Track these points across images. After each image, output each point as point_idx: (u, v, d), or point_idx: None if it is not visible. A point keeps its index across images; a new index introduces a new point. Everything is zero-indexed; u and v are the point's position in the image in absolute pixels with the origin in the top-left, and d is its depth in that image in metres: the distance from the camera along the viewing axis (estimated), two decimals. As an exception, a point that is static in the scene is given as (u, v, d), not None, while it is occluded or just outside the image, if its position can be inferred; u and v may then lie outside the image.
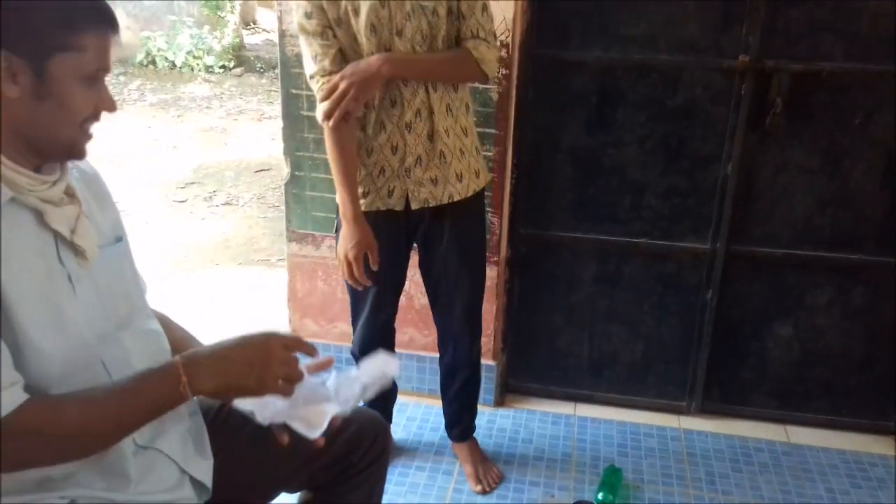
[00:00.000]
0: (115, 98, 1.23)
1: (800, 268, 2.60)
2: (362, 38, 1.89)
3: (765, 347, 2.71)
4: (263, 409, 1.31)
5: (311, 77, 1.95)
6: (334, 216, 2.61)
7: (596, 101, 2.54)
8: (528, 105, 2.53)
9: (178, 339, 1.45)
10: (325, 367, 1.42)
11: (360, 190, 2.04)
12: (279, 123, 2.62)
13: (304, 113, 2.53)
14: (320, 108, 1.91)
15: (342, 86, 1.84)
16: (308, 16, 1.90)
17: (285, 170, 2.64)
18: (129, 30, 9.57)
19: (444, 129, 2.01)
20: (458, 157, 2.05)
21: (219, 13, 9.40)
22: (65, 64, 1.09)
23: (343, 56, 1.93)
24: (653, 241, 2.63)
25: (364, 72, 1.85)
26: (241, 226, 5.28)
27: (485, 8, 1.97)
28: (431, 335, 2.68)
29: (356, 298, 2.22)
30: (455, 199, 2.06)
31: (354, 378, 1.42)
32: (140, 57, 9.38)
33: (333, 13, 1.89)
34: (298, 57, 2.50)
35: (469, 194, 2.08)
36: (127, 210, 5.30)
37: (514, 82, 2.45)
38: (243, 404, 1.31)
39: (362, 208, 2.05)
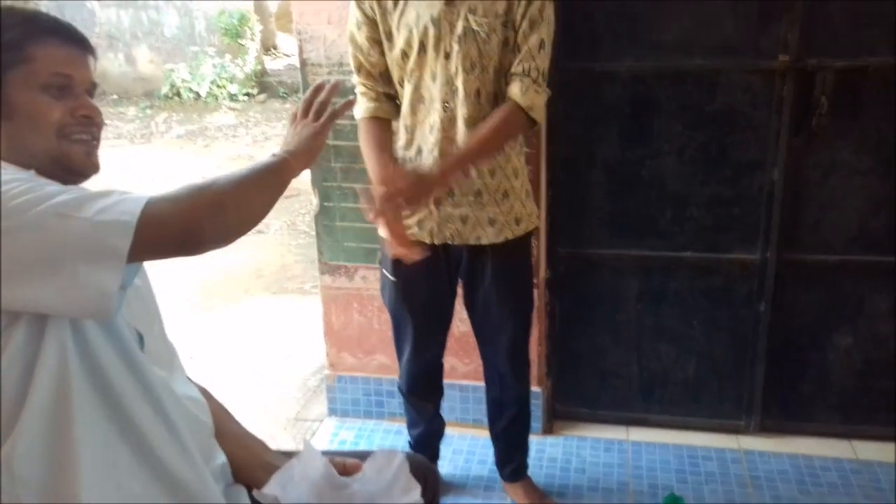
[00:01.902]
0: (144, 131, 1.24)
1: (856, 274, 2.47)
2: (411, 55, 1.83)
3: (824, 359, 2.58)
4: (286, 492, 1.26)
5: (355, 74, 1.96)
6: (367, 245, 2.55)
7: (630, 111, 2.44)
8: (559, 119, 2.44)
9: (216, 416, 1.38)
10: None
11: None
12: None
13: (331, 142, 2.47)
14: (358, 108, 1.94)
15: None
16: (358, 26, 1.86)
17: (314, 201, 2.57)
18: (152, 63, 9.68)
19: (490, 169, 1.89)
20: (497, 200, 1.92)
21: (239, 41, 9.44)
22: (17, 78, 1.11)
23: (386, 74, 1.91)
24: (698, 254, 2.52)
25: (418, 194, 1.72)
26: (272, 254, 5.25)
27: (542, 45, 1.82)
28: (473, 363, 2.60)
29: (399, 334, 2.14)
30: (483, 243, 1.95)
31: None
32: (165, 89, 9.45)
33: (385, 27, 1.83)
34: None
35: (499, 241, 1.95)
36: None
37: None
38: (268, 489, 1.27)
39: None
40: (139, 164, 7.10)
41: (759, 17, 2.29)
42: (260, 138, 8.10)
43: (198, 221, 1.06)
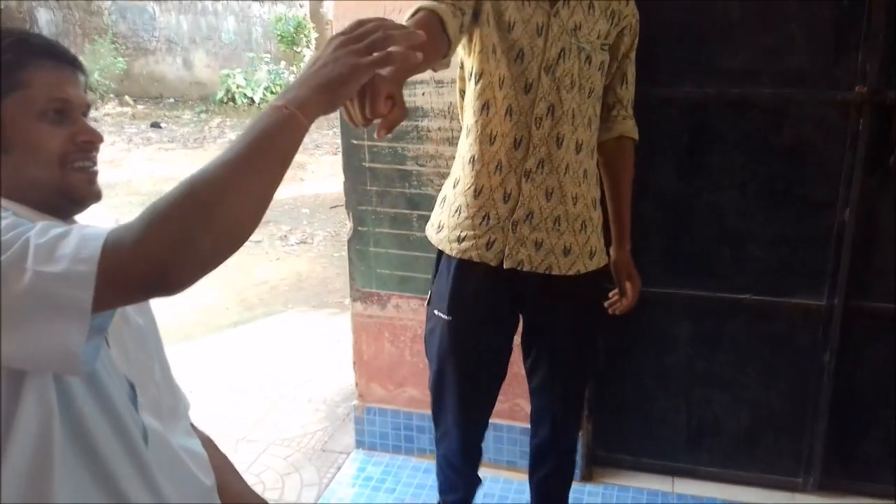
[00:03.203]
0: (197, 136, 1.10)
1: (933, 326, 2.25)
2: (501, 59, 1.67)
3: (891, 416, 2.36)
4: None
5: None
6: (401, 273, 2.42)
7: (688, 140, 2.27)
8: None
9: (217, 467, 1.27)
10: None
11: (456, 233, 1.78)
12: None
13: (367, 165, 2.36)
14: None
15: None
16: None
17: (348, 224, 2.46)
18: (209, 68, 9.78)
19: (574, 195, 1.76)
20: (576, 230, 1.78)
21: (295, 48, 9.47)
22: (13, 105, 1.03)
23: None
24: (758, 297, 2.33)
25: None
26: (315, 265, 5.20)
27: (631, 76, 1.87)
28: (508, 401, 2.45)
29: (442, 392, 1.91)
30: (553, 273, 1.79)
31: None
32: (220, 95, 9.52)
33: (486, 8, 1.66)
34: (359, 106, 2.32)
35: (571, 273, 1.80)
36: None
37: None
38: None
39: (453, 253, 1.78)
40: (191, 170, 7.14)
41: (836, 45, 2.10)
42: (310, 146, 8.08)
43: (162, 264, 0.85)
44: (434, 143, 2.31)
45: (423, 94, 2.28)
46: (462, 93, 1.84)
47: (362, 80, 0.98)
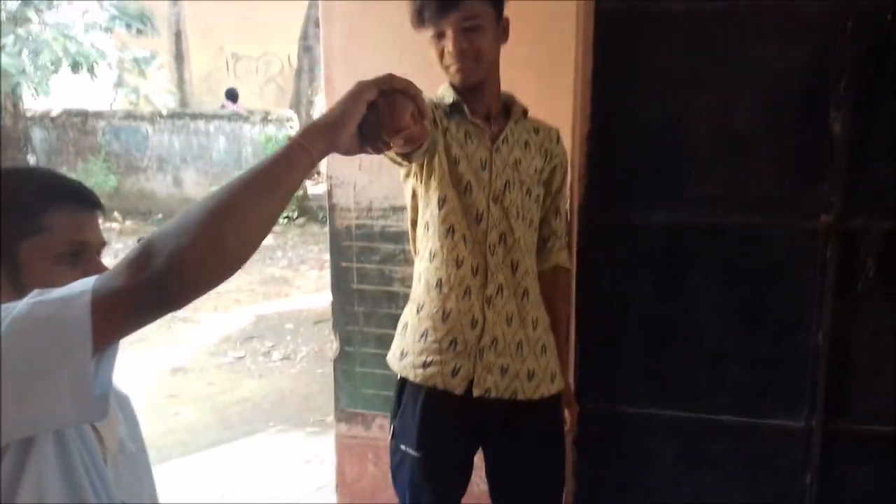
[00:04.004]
0: None
1: (912, 448, 2.29)
2: (459, 190, 1.75)
3: (878, 539, 2.35)
4: None
5: None
6: (386, 393, 2.44)
7: (665, 265, 2.36)
8: (591, 271, 2.36)
9: None
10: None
11: (421, 358, 1.79)
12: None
13: (354, 286, 2.42)
14: None
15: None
16: None
17: (335, 345, 2.50)
18: (198, 185, 10.00)
19: (533, 319, 1.82)
20: (537, 354, 1.83)
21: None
22: (32, 248, 1.06)
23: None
24: (738, 418, 2.36)
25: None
26: (298, 382, 5.17)
27: (563, 209, 1.96)
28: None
29: None
30: (518, 398, 1.82)
31: None
32: (208, 211, 9.71)
33: (440, 128, 1.73)
34: (349, 230, 2.42)
35: (535, 396, 1.83)
36: (187, 369, 5.27)
37: (575, 248, 2.29)
38: None
39: (418, 380, 1.80)
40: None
41: (801, 174, 2.23)
42: (296, 261, 8.18)
43: (155, 274, 0.88)
44: (420, 265, 2.40)
45: (410, 218, 2.38)
46: (413, 222, 1.90)
47: (358, 110, 1.02)
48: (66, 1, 9.51)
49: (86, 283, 0.90)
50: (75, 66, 8.84)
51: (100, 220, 1.15)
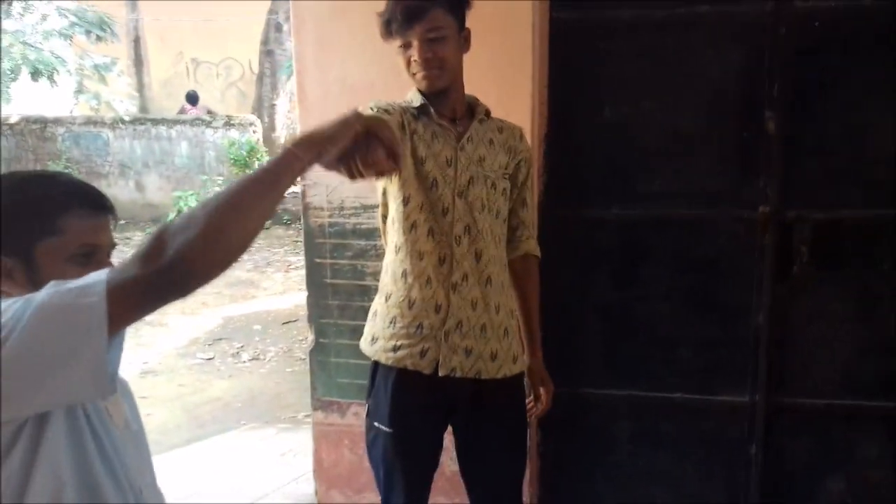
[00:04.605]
0: None
1: (845, 418, 2.49)
2: (419, 188, 1.89)
3: (818, 505, 2.56)
4: None
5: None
6: (360, 382, 2.57)
7: (619, 256, 2.54)
8: (552, 263, 2.51)
9: None
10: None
11: (391, 343, 1.94)
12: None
13: (328, 281, 2.55)
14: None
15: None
16: (379, 112, 1.82)
17: (310, 337, 2.62)
18: (161, 190, 9.99)
19: (496, 305, 1.96)
20: (500, 337, 1.98)
21: (247, 171, 9.77)
22: (47, 249, 1.15)
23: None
24: (688, 396, 2.55)
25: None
26: (268, 381, 5.25)
27: (530, 200, 2.07)
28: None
29: (391, 490, 2.06)
30: (482, 377, 1.97)
31: None
32: (171, 216, 9.69)
33: (408, 132, 1.87)
34: (322, 228, 2.55)
35: (498, 376, 1.98)
36: (157, 371, 5.33)
37: (536, 242, 2.46)
38: None
39: (389, 362, 1.94)
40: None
41: (740, 171, 2.42)
42: (262, 263, 8.24)
43: (164, 266, 1.01)
44: (390, 260, 2.54)
45: (380, 216, 2.52)
46: (384, 217, 2.05)
47: (348, 135, 1.20)
48: (25, 9, 9.44)
49: (100, 274, 1.02)
50: (35, 74, 8.79)
51: (112, 222, 1.24)
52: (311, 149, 1.16)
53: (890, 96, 2.30)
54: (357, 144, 1.22)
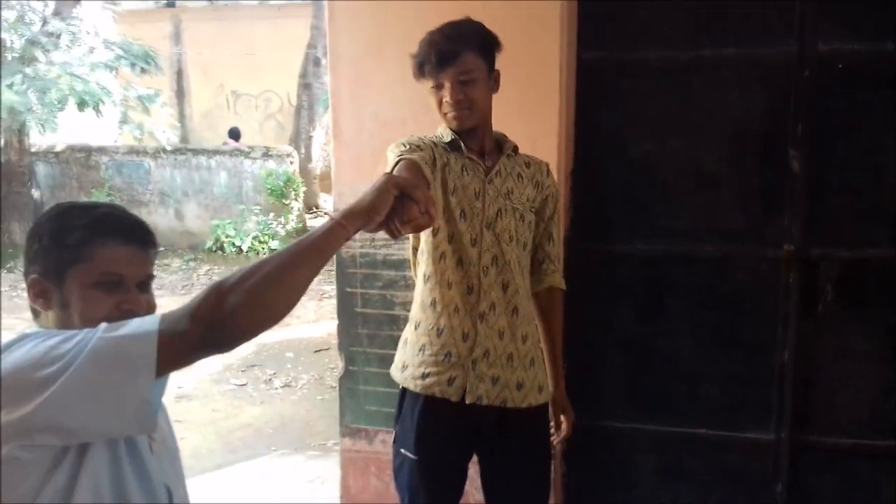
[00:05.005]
0: (186, 283, 1.31)
1: (870, 458, 2.48)
2: (449, 219, 1.94)
3: (844, 546, 2.54)
4: None
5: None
6: (388, 410, 2.63)
7: (643, 291, 2.58)
8: (576, 296, 2.56)
9: None
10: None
11: (420, 370, 1.99)
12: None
13: (359, 310, 2.62)
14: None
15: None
16: (411, 150, 1.86)
17: (340, 364, 2.69)
18: (199, 219, 10.20)
19: (523, 335, 2.01)
20: (526, 366, 2.02)
21: (283, 201, 9.96)
22: (76, 274, 1.23)
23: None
24: (712, 432, 2.56)
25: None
26: (299, 408, 5.31)
27: (556, 235, 2.11)
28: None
29: None
30: (508, 406, 2.00)
31: None
32: (209, 244, 9.89)
33: (440, 164, 1.92)
34: (353, 258, 2.63)
35: (524, 405, 2.02)
36: (191, 396, 5.43)
37: (562, 275, 2.51)
38: None
39: (417, 389, 1.99)
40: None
41: (764, 208, 2.46)
42: (295, 293, 8.35)
43: (212, 325, 1.10)
44: (419, 291, 2.60)
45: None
46: (414, 249, 2.10)
47: (388, 201, 1.27)
48: (73, 42, 9.78)
49: (153, 322, 1.11)
50: (81, 104, 9.07)
51: (148, 254, 1.30)
52: (356, 220, 1.23)
53: (913, 138, 2.33)
54: (393, 207, 1.30)
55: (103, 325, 1.11)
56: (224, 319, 1.10)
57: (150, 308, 1.29)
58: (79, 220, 1.26)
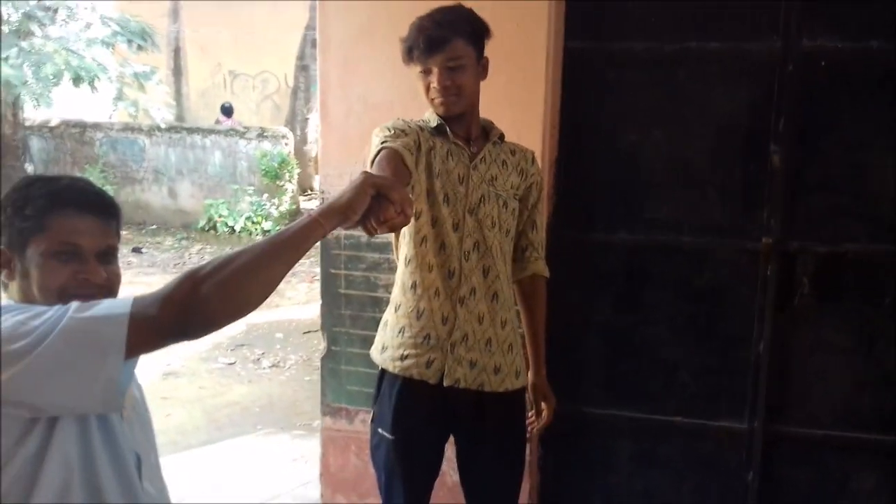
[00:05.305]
0: (178, 262, 1.34)
1: (842, 449, 2.53)
2: (433, 203, 1.96)
3: (813, 535, 2.59)
4: None
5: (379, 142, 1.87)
6: (369, 390, 2.66)
7: (624, 280, 2.61)
8: (558, 284, 2.59)
9: None
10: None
11: (399, 352, 2.02)
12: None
13: (342, 291, 2.65)
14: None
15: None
16: (395, 135, 1.87)
17: (322, 344, 2.72)
18: (193, 198, 10.20)
19: (502, 320, 2.04)
20: (504, 351, 2.05)
21: (278, 182, 9.96)
22: (35, 244, 1.26)
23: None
24: (687, 420, 2.60)
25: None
26: (286, 388, 5.35)
27: (539, 223, 2.13)
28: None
29: (391, 496, 2.13)
30: (485, 390, 2.03)
31: None
32: (202, 223, 9.90)
33: (424, 148, 1.95)
34: (338, 239, 2.66)
35: (500, 390, 2.05)
36: (179, 373, 5.46)
37: (544, 262, 2.54)
38: None
39: (396, 371, 2.02)
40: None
41: (744, 202, 2.49)
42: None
43: (183, 313, 1.12)
44: (402, 274, 2.63)
45: (395, 231, 2.62)
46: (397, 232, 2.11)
47: (365, 201, 1.29)
48: (69, 17, 9.73)
49: (125, 305, 1.13)
50: (77, 80, 9.05)
51: (108, 225, 1.31)
52: (333, 217, 1.26)
53: (892, 135, 2.36)
54: (370, 205, 1.32)
55: (75, 303, 1.13)
56: (195, 307, 1.12)
57: (111, 279, 1.31)
58: (40, 191, 1.28)
